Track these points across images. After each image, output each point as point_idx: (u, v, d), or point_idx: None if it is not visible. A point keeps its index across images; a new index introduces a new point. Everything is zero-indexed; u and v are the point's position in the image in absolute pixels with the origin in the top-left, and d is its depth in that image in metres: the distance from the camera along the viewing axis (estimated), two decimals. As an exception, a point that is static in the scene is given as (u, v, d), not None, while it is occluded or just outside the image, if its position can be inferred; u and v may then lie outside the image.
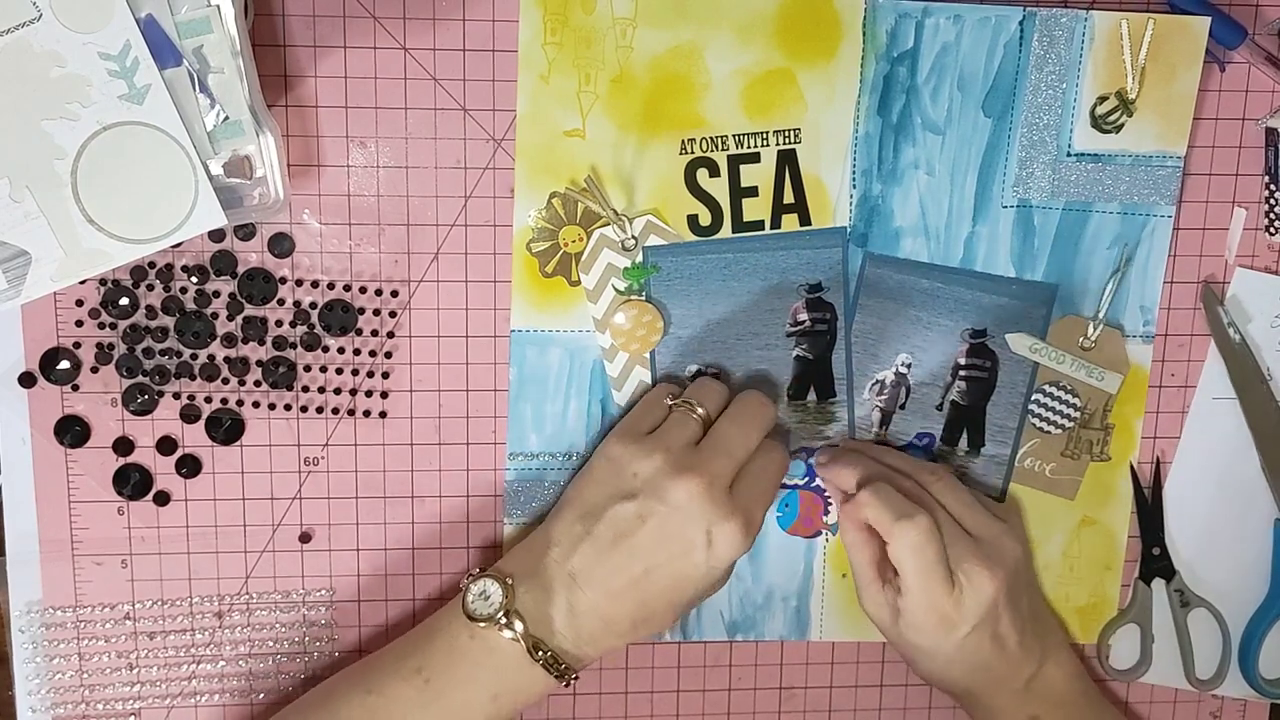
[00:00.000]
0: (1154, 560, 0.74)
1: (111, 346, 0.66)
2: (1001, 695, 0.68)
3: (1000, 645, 0.67)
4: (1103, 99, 0.69)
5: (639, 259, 0.68)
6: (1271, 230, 0.72)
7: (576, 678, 0.64)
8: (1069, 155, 0.69)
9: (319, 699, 0.65)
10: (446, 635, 0.64)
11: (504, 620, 0.62)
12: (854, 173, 0.68)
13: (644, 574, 0.62)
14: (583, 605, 0.63)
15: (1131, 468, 0.73)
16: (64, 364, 0.66)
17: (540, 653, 0.62)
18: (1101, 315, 0.71)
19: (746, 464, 0.65)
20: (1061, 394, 0.71)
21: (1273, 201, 0.71)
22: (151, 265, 0.66)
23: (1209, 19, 0.68)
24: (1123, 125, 0.69)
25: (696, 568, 0.63)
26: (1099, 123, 0.69)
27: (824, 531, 0.72)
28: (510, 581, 0.63)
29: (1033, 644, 0.69)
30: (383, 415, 0.69)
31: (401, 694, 0.63)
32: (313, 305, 0.67)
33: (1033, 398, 0.72)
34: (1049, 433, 0.72)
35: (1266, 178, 0.71)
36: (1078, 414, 0.72)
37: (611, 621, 0.63)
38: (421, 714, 0.63)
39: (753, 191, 0.68)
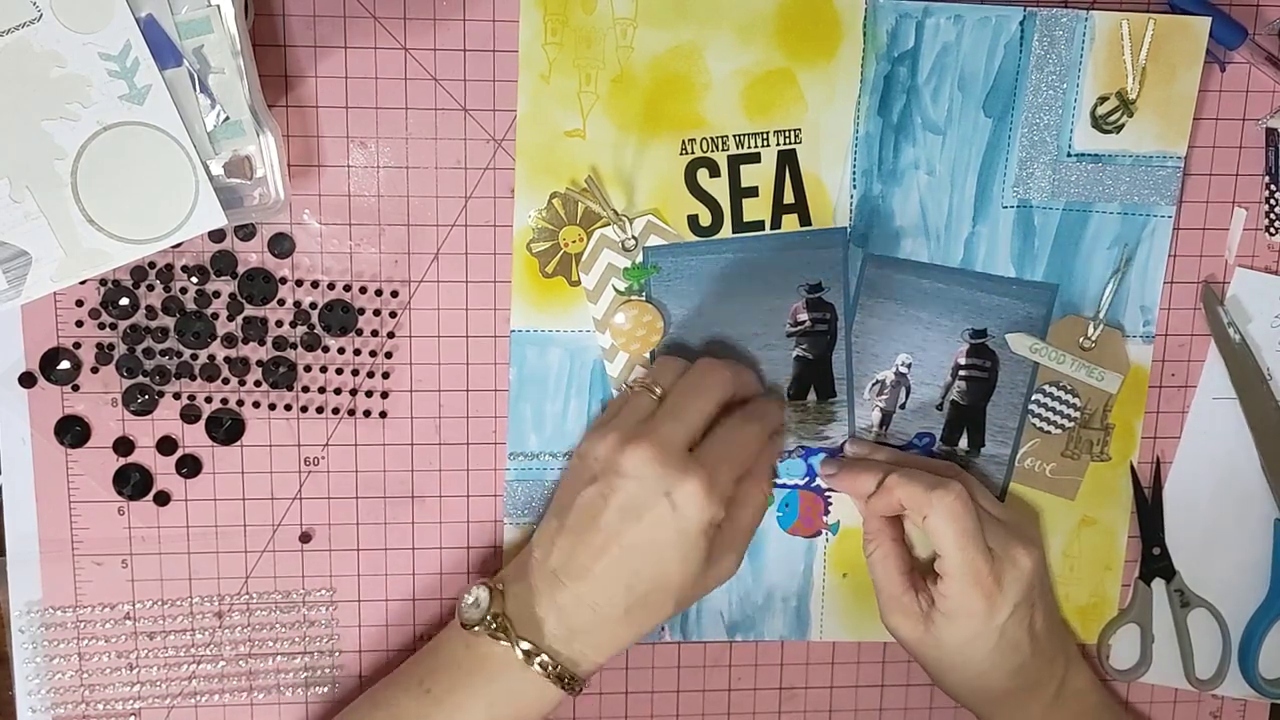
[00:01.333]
0: (1154, 560, 0.74)
1: (112, 346, 0.66)
2: (1035, 703, 0.68)
3: (1035, 639, 0.67)
4: (1103, 99, 0.69)
5: (639, 259, 0.68)
6: (1271, 230, 0.72)
7: (584, 687, 0.63)
8: (1069, 155, 0.69)
9: (345, 710, 0.66)
10: (447, 647, 0.64)
11: (493, 625, 0.62)
12: (854, 173, 0.68)
13: (619, 552, 0.61)
14: (568, 600, 0.62)
15: (1131, 468, 0.73)
16: (64, 364, 0.66)
17: (535, 658, 0.62)
18: (1102, 315, 0.71)
19: (712, 429, 0.64)
20: (1062, 394, 0.71)
21: (1273, 201, 0.71)
22: (151, 265, 0.66)
23: (1209, 19, 0.68)
24: (1123, 125, 0.69)
25: (668, 536, 0.61)
26: (1099, 123, 0.69)
27: (824, 531, 0.72)
28: (500, 587, 0.63)
29: (1058, 645, 0.69)
30: (383, 415, 0.69)
31: (407, 708, 0.63)
32: (313, 305, 0.67)
33: (1033, 398, 0.72)
34: (1049, 433, 0.72)
35: (1266, 178, 0.71)
36: (1078, 414, 0.72)
37: (600, 609, 0.62)
38: None
39: (753, 192, 0.68)
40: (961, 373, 0.71)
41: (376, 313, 0.68)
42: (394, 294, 0.68)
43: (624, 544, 0.61)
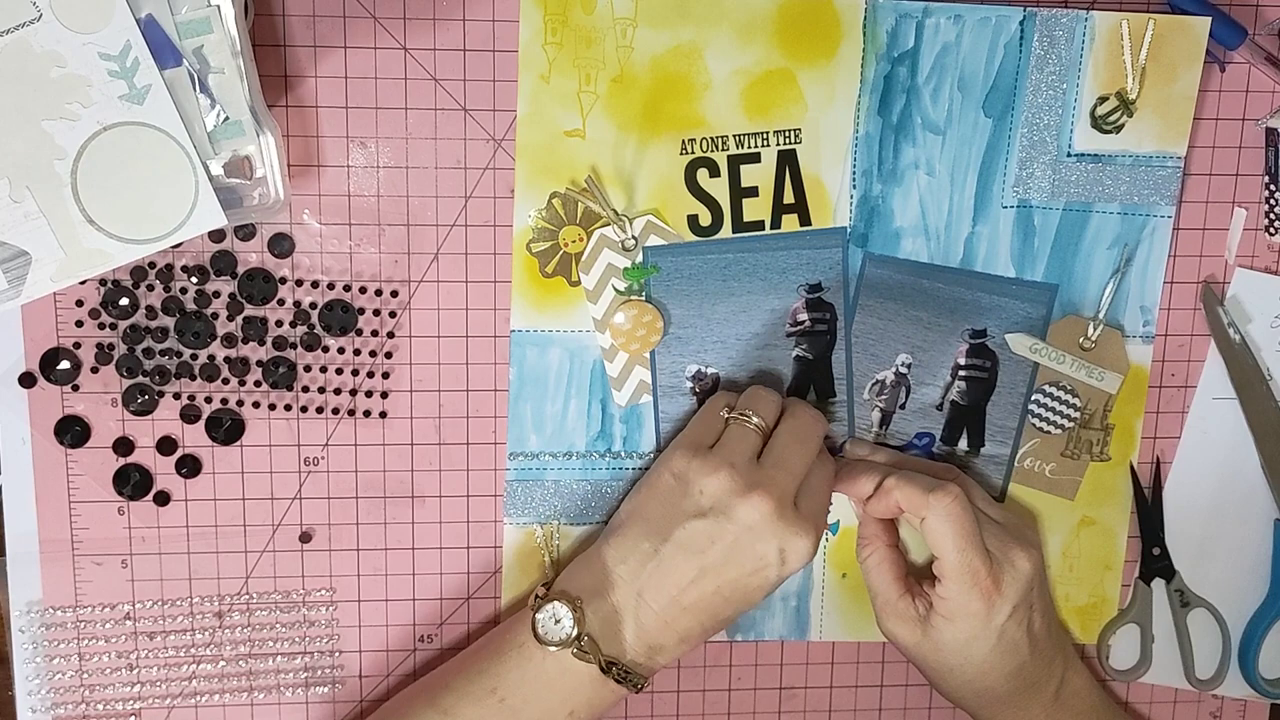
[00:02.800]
0: (1154, 560, 0.74)
1: (111, 346, 0.66)
2: (1035, 704, 0.68)
3: (1033, 640, 0.67)
4: (1103, 99, 0.69)
5: (639, 259, 0.68)
6: (1271, 230, 0.72)
7: (648, 683, 0.65)
8: (1069, 155, 0.69)
9: (392, 714, 0.66)
10: (518, 656, 0.64)
11: (581, 645, 0.62)
12: (854, 173, 0.68)
13: (715, 591, 0.63)
14: (652, 622, 0.63)
15: (1131, 468, 0.73)
16: (64, 364, 0.66)
17: (613, 669, 0.63)
18: (1101, 315, 0.71)
19: (806, 477, 0.65)
20: (1061, 394, 0.71)
21: (1273, 201, 0.71)
22: (151, 265, 0.66)
23: (1209, 19, 0.68)
24: (1123, 125, 0.69)
25: (767, 580, 0.63)
26: (1099, 123, 0.69)
27: (824, 531, 0.72)
28: (579, 603, 0.63)
29: (1056, 646, 0.69)
30: (383, 415, 0.69)
31: (478, 716, 0.64)
32: (313, 305, 0.67)
33: (1033, 398, 0.72)
34: (1049, 433, 0.72)
35: (1266, 178, 0.71)
36: (1078, 414, 0.72)
37: (681, 631, 0.64)
38: None
39: (753, 192, 0.68)
40: (961, 373, 0.71)
41: (376, 313, 0.68)
42: (394, 294, 0.68)
43: (721, 584, 0.63)
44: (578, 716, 0.64)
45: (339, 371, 0.68)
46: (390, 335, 0.68)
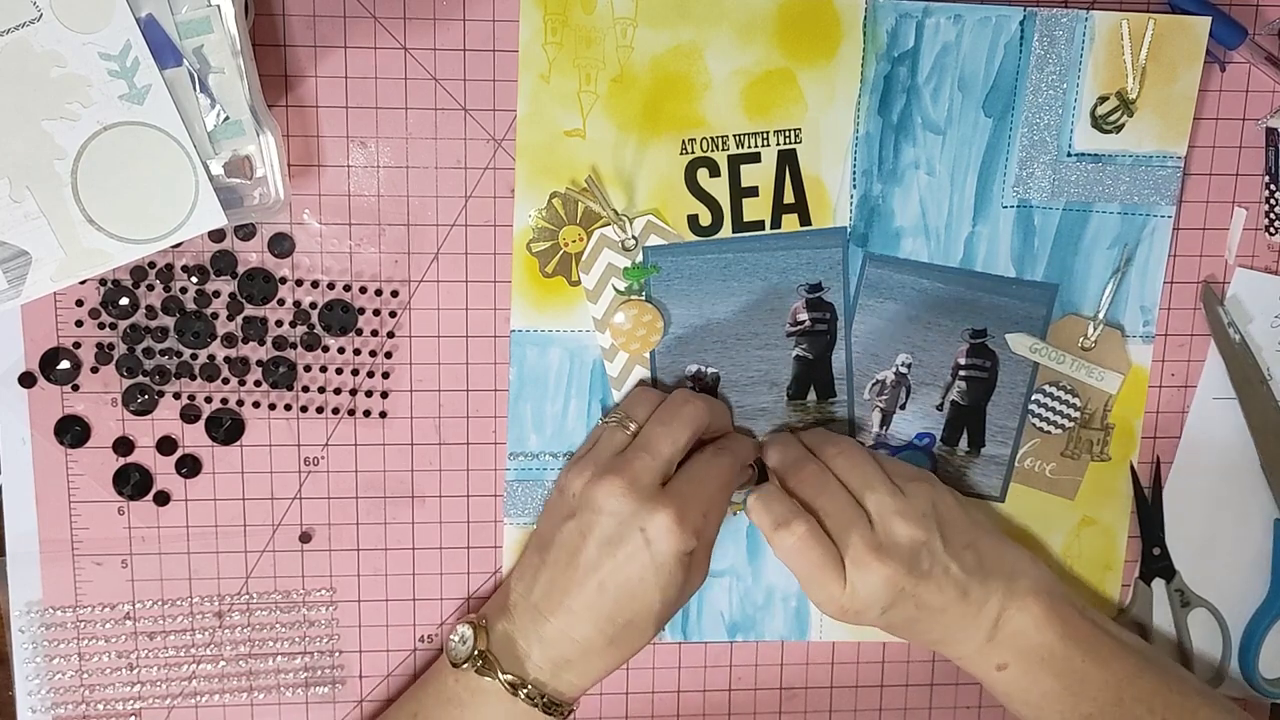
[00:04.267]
0: (1154, 560, 0.74)
1: (111, 346, 0.66)
2: (966, 645, 0.67)
3: (932, 610, 0.65)
4: (1103, 99, 0.69)
5: (639, 259, 0.68)
6: (1271, 230, 0.72)
7: (573, 711, 0.65)
8: (1069, 155, 0.69)
9: None
10: (436, 681, 0.66)
11: (480, 662, 0.63)
12: (854, 173, 0.68)
13: (599, 587, 0.62)
14: (551, 633, 0.63)
15: (1131, 468, 0.73)
16: (64, 364, 0.66)
17: (520, 690, 0.63)
18: (1101, 315, 0.71)
19: (685, 463, 0.65)
20: (1061, 394, 0.71)
21: (1273, 201, 0.71)
22: (151, 265, 0.66)
23: (1209, 19, 0.68)
24: (1123, 125, 0.69)
25: (644, 568, 0.62)
26: (1099, 123, 0.69)
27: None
28: (483, 623, 0.65)
29: (982, 593, 0.66)
30: (383, 415, 0.69)
31: None
32: (313, 305, 0.67)
33: (1033, 398, 0.72)
34: (1049, 433, 0.72)
35: (1266, 178, 0.71)
36: (1078, 414, 0.72)
37: (583, 642, 0.63)
38: None
39: (753, 191, 0.68)
40: (961, 373, 0.71)
41: (376, 313, 0.68)
42: (394, 294, 0.68)
43: (602, 578, 0.62)
44: None
45: (339, 371, 0.68)
46: (390, 335, 0.68)
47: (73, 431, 0.67)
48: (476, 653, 0.63)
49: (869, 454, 0.67)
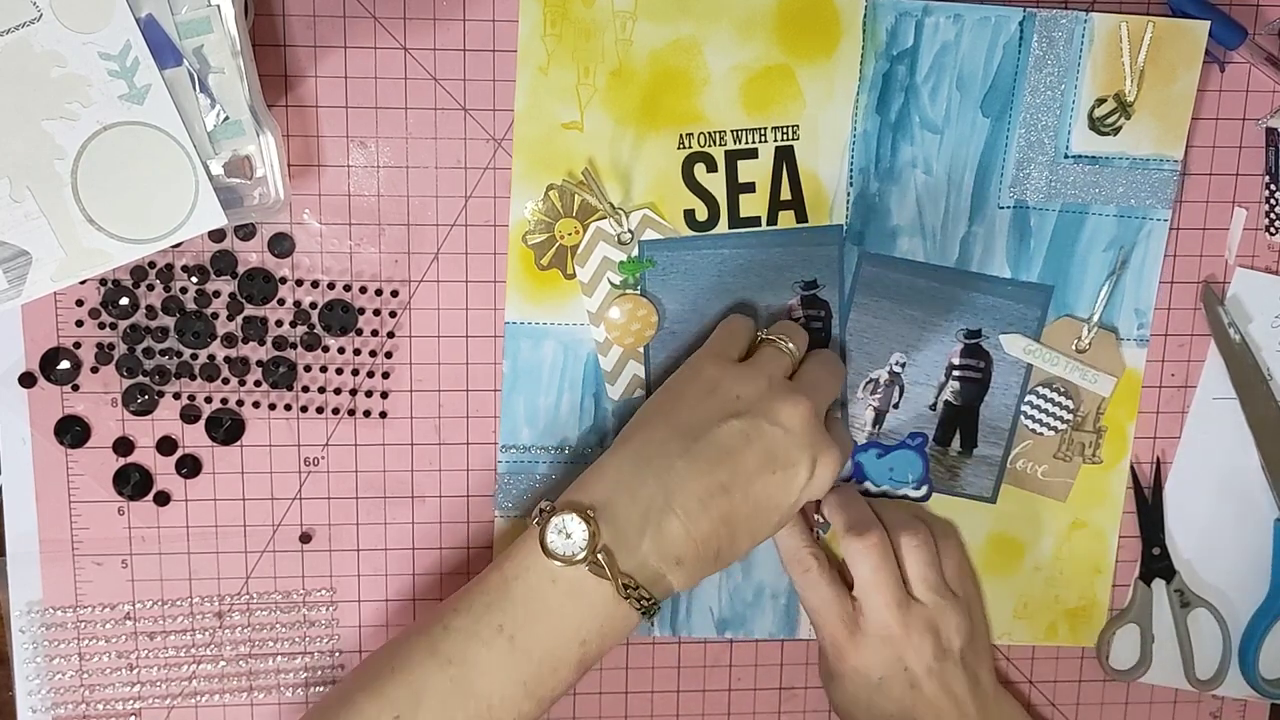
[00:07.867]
0: (1154, 560, 0.74)
1: (111, 346, 0.66)
2: None
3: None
4: (1101, 101, 0.69)
5: (635, 253, 0.68)
6: (1271, 230, 0.72)
7: (659, 611, 0.60)
8: (1066, 157, 0.69)
9: (388, 668, 0.59)
10: (524, 584, 0.59)
11: (595, 560, 0.58)
12: (851, 170, 0.69)
13: (743, 496, 0.60)
14: (674, 529, 0.59)
15: (1132, 468, 0.73)
16: (64, 364, 0.66)
17: (629, 589, 0.58)
18: (1096, 318, 0.71)
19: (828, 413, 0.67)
20: (1055, 396, 0.71)
21: (1273, 201, 0.71)
22: (151, 265, 0.66)
23: (1208, 23, 0.68)
24: (1120, 128, 0.69)
25: (790, 494, 0.61)
26: (1097, 125, 0.69)
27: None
28: (592, 514, 0.59)
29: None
30: (383, 415, 0.69)
31: (487, 660, 0.58)
32: (313, 305, 0.67)
33: (1026, 399, 0.71)
34: (1042, 434, 0.72)
35: (1266, 178, 0.71)
36: (1071, 416, 0.72)
37: (701, 542, 0.59)
38: (513, 675, 0.58)
39: (750, 187, 0.68)
40: (955, 373, 0.71)
41: (376, 312, 0.68)
42: (394, 294, 0.68)
43: (749, 491, 0.60)
44: (589, 648, 0.59)
45: (339, 371, 0.68)
46: (390, 335, 0.68)
47: (73, 431, 0.67)
48: (592, 550, 0.57)
49: (934, 548, 0.69)
